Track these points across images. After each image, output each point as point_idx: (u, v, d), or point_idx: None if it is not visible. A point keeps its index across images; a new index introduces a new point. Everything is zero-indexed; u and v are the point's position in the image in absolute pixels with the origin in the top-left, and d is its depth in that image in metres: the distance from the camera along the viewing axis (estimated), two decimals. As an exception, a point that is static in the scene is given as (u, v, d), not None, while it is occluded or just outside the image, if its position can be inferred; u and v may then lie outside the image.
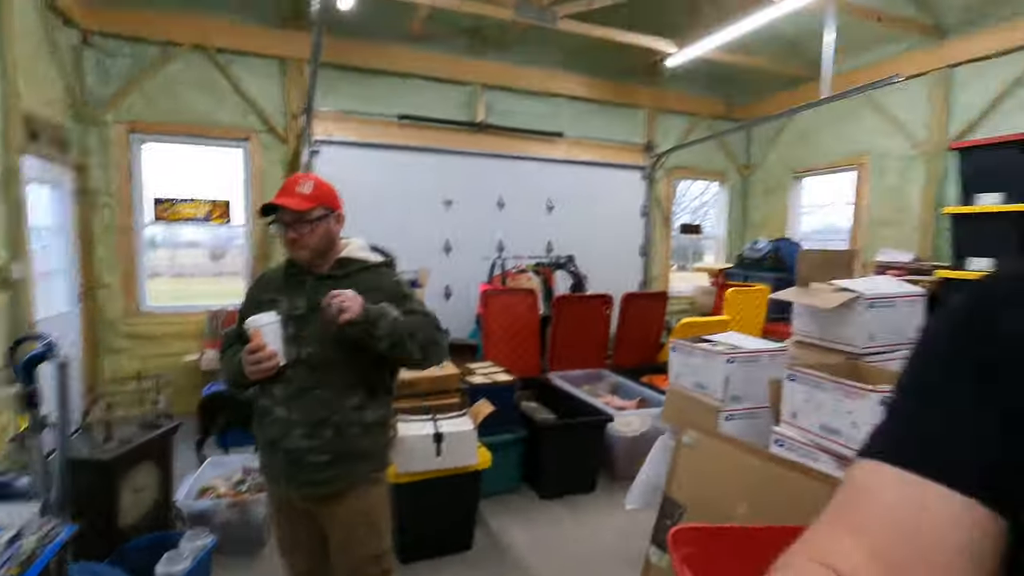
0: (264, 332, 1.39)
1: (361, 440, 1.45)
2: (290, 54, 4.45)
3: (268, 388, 1.44)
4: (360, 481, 1.47)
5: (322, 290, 1.42)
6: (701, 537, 1.30)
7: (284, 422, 1.42)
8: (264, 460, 1.51)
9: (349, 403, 1.44)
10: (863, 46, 4.88)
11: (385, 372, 1.53)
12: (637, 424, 3.27)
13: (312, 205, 1.42)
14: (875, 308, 1.73)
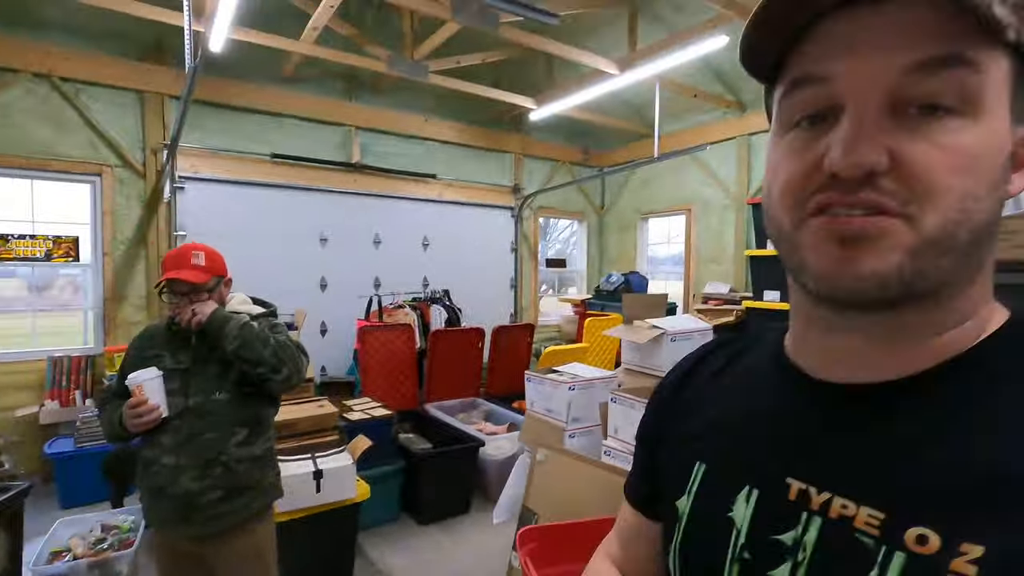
0: (146, 387, 1.49)
1: (252, 473, 1.58)
2: (150, 88, 4.31)
3: (154, 439, 1.53)
4: (251, 517, 1.58)
5: (206, 344, 1.56)
6: (542, 534, 1.62)
7: (172, 468, 1.50)
8: (150, 508, 1.57)
9: (235, 440, 1.55)
10: (686, 113, 5.86)
11: (267, 406, 1.66)
12: (507, 447, 3.61)
13: (208, 278, 1.55)
14: (676, 341, 2.22)
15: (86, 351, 4.17)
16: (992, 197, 0.36)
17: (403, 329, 4.57)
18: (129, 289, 4.32)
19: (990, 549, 0.32)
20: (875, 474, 0.38)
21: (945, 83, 0.34)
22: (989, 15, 0.32)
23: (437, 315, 5.10)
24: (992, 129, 0.35)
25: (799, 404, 0.44)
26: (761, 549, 0.42)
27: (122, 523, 2.70)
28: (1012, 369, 0.37)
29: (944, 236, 0.35)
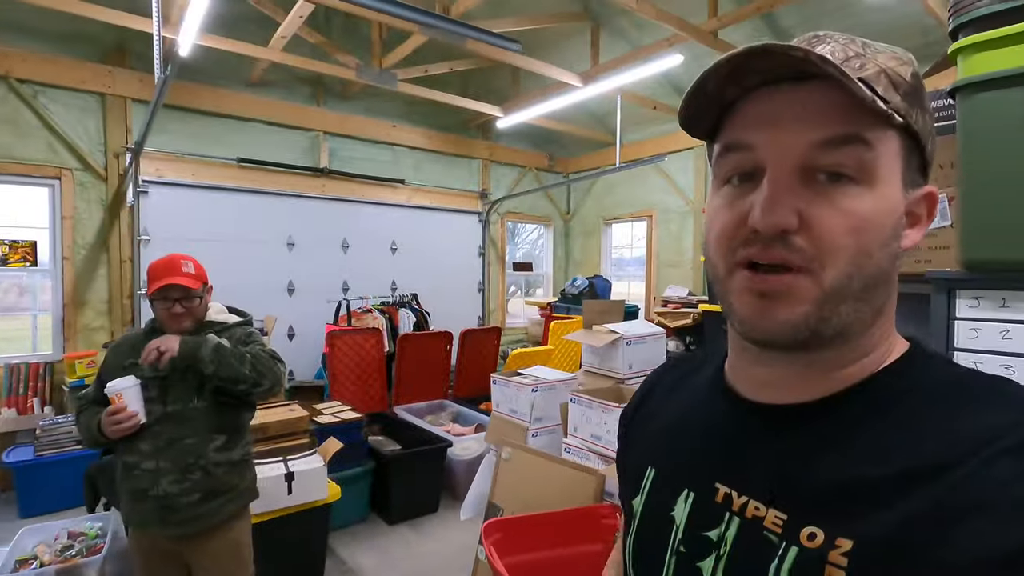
0: (124, 395, 1.55)
1: (230, 476, 1.66)
2: (112, 91, 4.26)
3: (133, 445, 1.58)
4: (228, 517, 1.66)
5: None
6: (507, 525, 1.75)
7: (152, 472, 1.57)
8: (131, 510, 1.63)
9: (214, 445, 1.63)
10: (647, 124, 6.09)
11: (244, 413, 1.74)
12: (475, 448, 3.72)
13: (199, 284, 1.66)
14: (632, 345, 2.39)
15: (45, 357, 4.09)
16: (883, 253, 0.42)
17: (372, 333, 4.63)
18: (90, 294, 4.26)
19: (857, 542, 0.38)
20: (781, 482, 0.44)
21: (846, 156, 0.41)
22: (878, 108, 0.39)
23: (405, 319, 5.17)
24: (884, 196, 0.42)
25: (730, 420, 0.51)
26: (693, 543, 0.49)
27: (88, 530, 2.70)
28: (895, 395, 0.43)
29: (840, 287, 0.41)
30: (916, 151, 0.43)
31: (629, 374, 2.38)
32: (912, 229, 0.45)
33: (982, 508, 0.35)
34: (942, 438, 0.39)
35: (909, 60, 0.44)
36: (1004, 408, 0.39)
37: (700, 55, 4.74)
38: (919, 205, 0.45)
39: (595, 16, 4.93)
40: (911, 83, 0.42)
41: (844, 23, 4.12)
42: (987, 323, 1.09)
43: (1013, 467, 0.36)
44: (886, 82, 0.41)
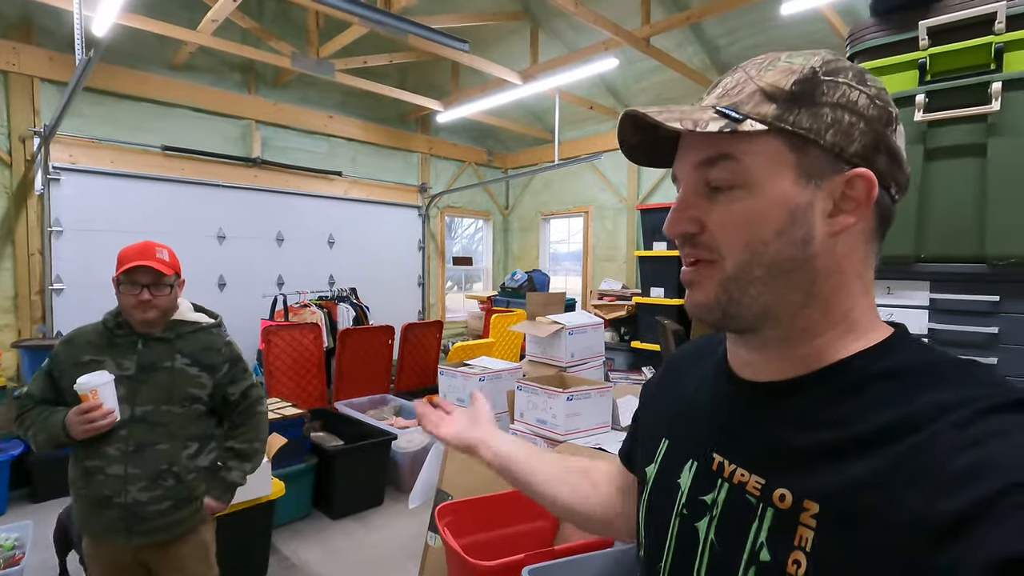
0: (101, 391, 1.44)
1: (199, 483, 1.59)
2: (16, 68, 3.92)
3: (97, 448, 1.48)
4: (196, 523, 1.62)
5: (155, 351, 1.56)
6: (458, 508, 1.83)
7: (119, 479, 1.47)
8: (91, 518, 1.52)
9: (187, 452, 1.56)
10: (584, 123, 6.29)
11: (214, 420, 1.68)
12: (419, 440, 3.76)
13: (171, 272, 1.56)
14: (573, 335, 2.52)
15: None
16: (781, 241, 0.47)
17: (310, 328, 4.54)
18: (-11, 290, 3.92)
19: (822, 504, 0.43)
20: (761, 451, 0.50)
21: (721, 171, 0.48)
22: (708, 132, 0.47)
23: (344, 313, 5.10)
24: (766, 194, 0.47)
25: (726, 396, 0.57)
26: (693, 506, 0.54)
27: (4, 540, 2.53)
28: (868, 375, 0.47)
29: (741, 272, 0.48)
30: (811, 144, 0.46)
31: (571, 362, 2.51)
32: (847, 213, 0.47)
33: (928, 475, 0.38)
34: (901, 412, 0.42)
35: (801, 67, 0.47)
36: (962, 386, 0.43)
37: (634, 59, 4.97)
38: (851, 187, 0.47)
39: (534, 17, 5.04)
40: (791, 90, 0.46)
41: (759, 37, 4.47)
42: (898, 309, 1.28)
43: (958, 438, 0.39)
44: (759, 98, 0.47)
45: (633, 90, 5.59)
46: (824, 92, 0.47)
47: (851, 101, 0.47)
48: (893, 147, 0.48)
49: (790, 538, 0.44)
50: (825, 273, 0.48)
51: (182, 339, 1.61)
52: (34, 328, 4.03)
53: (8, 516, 3.23)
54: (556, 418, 2.08)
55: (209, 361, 1.62)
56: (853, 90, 0.47)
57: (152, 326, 1.56)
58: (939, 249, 1.21)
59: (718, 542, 0.51)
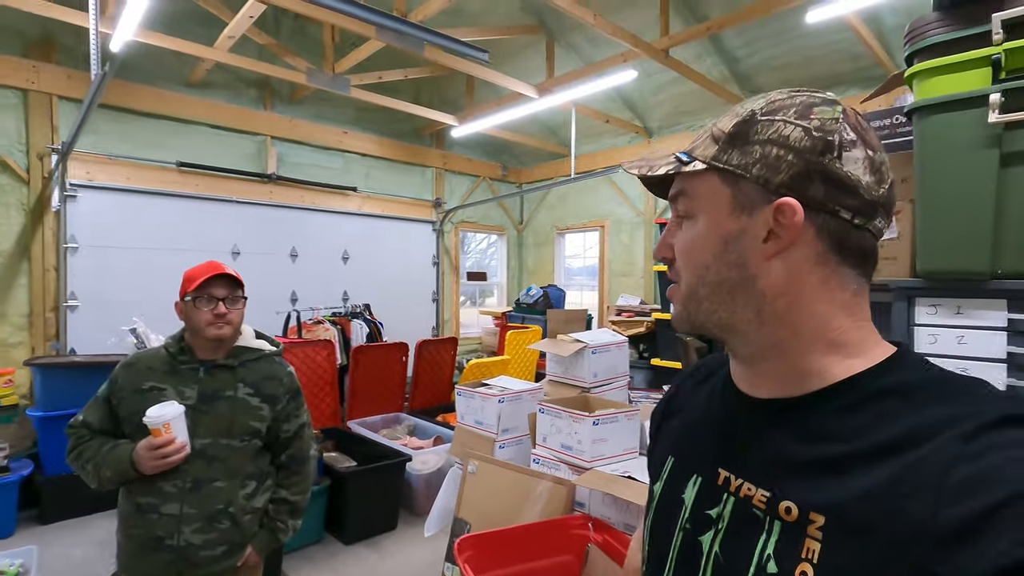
0: (173, 425, 1.37)
1: (254, 526, 1.52)
2: (36, 87, 3.94)
3: (153, 483, 1.40)
4: (245, 567, 1.53)
5: (217, 379, 1.49)
6: (478, 542, 1.71)
7: (175, 519, 1.39)
8: (137, 560, 1.43)
9: (244, 492, 1.48)
10: (600, 136, 6.23)
11: (268, 457, 1.61)
12: (434, 461, 3.64)
13: (243, 285, 1.53)
14: (597, 354, 2.40)
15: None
16: (720, 263, 0.53)
17: (323, 345, 4.47)
18: (7, 307, 3.90)
19: (827, 517, 0.44)
20: (766, 464, 0.51)
21: (680, 205, 0.57)
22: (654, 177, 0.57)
23: (358, 330, 5.03)
24: (705, 223, 0.54)
25: (731, 411, 0.59)
26: (697, 520, 0.56)
27: (8, 567, 2.45)
28: (870, 392, 0.48)
29: (691, 290, 0.56)
30: (743, 179, 0.52)
31: (594, 382, 2.40)
32: (776, 239, 0.51)
33: (932, 486, 0.40)
34: (907, 425, 0.44)
35: (743, 111, 0.53)
36: (967, 402, 0.44)
37: (651, 72, 4.90)
38: (782, 215, 0.50)
39: (550, 30, 5.01)
40: (730, 132, 0.53)
41: (780, 47, 4.38)
42: (944, 329, 1.16)
43: (962, 450, 0.40)
44: (708, 141, 0.55)
45: (651, 103, 5.51)
46: (757, 131, 0.51)
47: (782, 136, 0.50)
48: (833, 173, 0.49)
49: (797, 550, 0.45)
50: (772, 294, 0.51)
51: (244, 367, 1.54)
52: (48, 345, 4.00)
53: (15, 539, 3.16)
54: (581, 444, 1.96)
55: (270, 391, 1.55)
56: (788, 125, 0.50)
57: (224, 345, 1.51)
58: (1018, 264, 1.09)
59: (723, 555, 0.52)
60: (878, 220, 0.51)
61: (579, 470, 1.99)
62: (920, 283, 1.21)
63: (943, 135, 1.13)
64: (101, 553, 2.98)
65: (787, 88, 0.54)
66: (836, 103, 0.51)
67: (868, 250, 0.52)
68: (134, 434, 1.44)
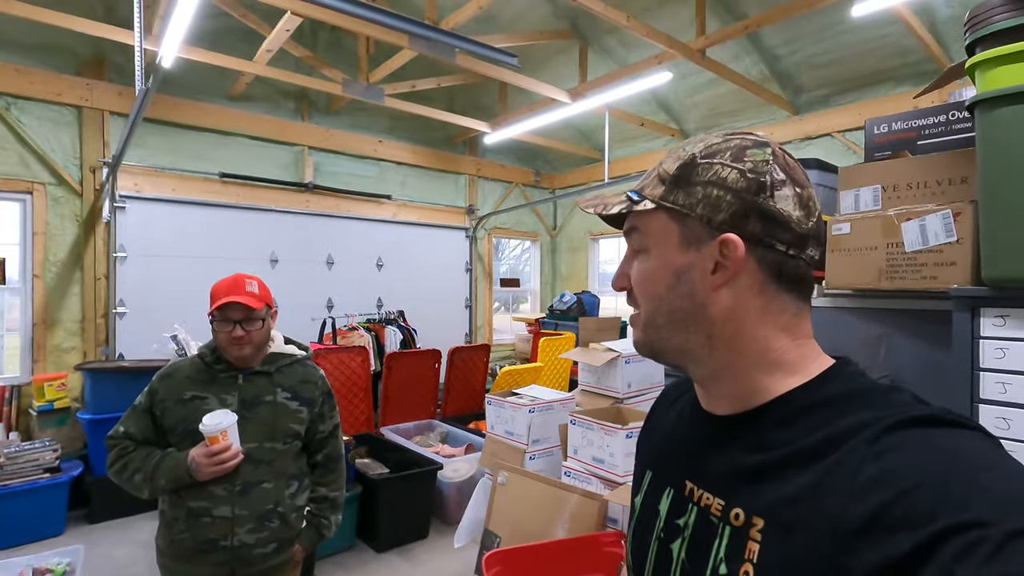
0: (230, 433, 1.43)
1: (299, 523, 1.60)
2: (89, 103, 4.14)
3: (204, 488, 1.45)
4: (290, 563, 1.62)
5: (256, 385, 1.55)
6: (507, 557, 1.67)
7: (228, 520, 1.45)
8: (189, 564, 1.48)
9: (289, 491, 1.55)
10: (634, 140, 6.13)
11: (305, 457, 1.68)
12: (465, 469, 3.61)
13: (262, 305, 1.51)
14: (630, 363, 2.33)
15: (11, 380, 3.90)
16: (673, 295, 0.56)
17: (358, 351, 4.51)
18: (62, 313, 4.09)
19: (766, 520, 0.49)
20: (721, 476, 0.56)
21: (633, 240, 0.61)
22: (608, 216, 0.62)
23: (392, 336, 5.07)
24: (656, 257, 0.58)
25: (695, 428, 0.63)
26: (669, 529, 0.60)
27: (56, 566, 2.54)
28: (806, 404, 0.52)
29: (649, 319, 0.59)
30: (688, 217, 0.56)
31: (628, 393, 2.32)
32: (720, 272, 0.54)
33: (842, 486, 0.44)
34: (829, 432, 0.48)
35: (685, 154, 0.57)
36: (877, 409, 0.48)
37: (687, 73, 4.79)
38: (726, 249, 0.54)
39: (583, 35, 4.96)
40: (674, 174, 0.57)
41: (824, 44, 4.20)
42: (1015, 342, 1.05)
43: (866, 452, 0.44)
44: (655, 181, 0.59)
45: (686, 105, 5.39)
46: (698, 173, 0.56)
47: (720, 178, 0.54)
48: (768, 211, 0.53)
49: (742, 552, 0.50)
50: (720, 320, 0.55)
51: (281, 373, 1.60)
52: (98, 351, 4.17)
53: (65, 537, 3.29)
54: (614, 457, 1.90)
55: (307, 395, 1.61)
56: (725, 168, 0.55)
57: (248, 361, 1.54)
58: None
59: (688, 561, 0.56)
60: (809, 250, 0.55)
61: (612, 484, 1.92)
62: (986, 291, 1.11)
63: (1010, 129, 1.03)
64: (145, 554, 3.06)
65: (722, 132, 0.59)
66: (766, 145, 0.56)
67: (803, 277, 0.56)
68: (180, 443, 1.49)
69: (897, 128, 2.03)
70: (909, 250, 1.59)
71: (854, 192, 1.85)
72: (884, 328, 1.88)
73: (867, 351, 1.91)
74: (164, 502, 1.53)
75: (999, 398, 1.08)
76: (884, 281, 1.67)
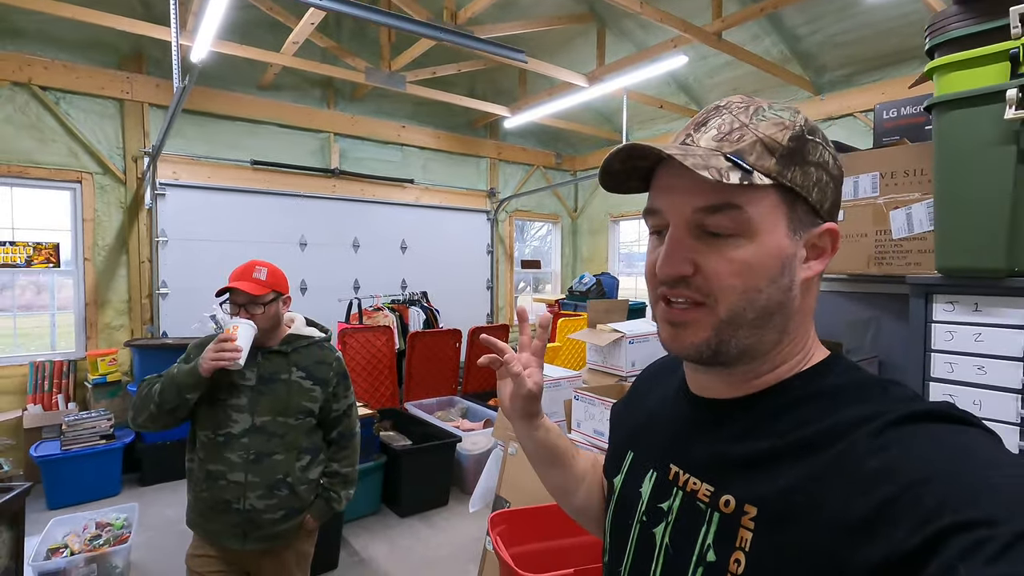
0: (241, 330, 1.54)
1: (309, 495, 1.70)
2: (130, 96, 4.38)
3: (221, 453, 1.58)
4: (302, 533, 1.72)
5: (273, 363, 1.66)
6: (511, 517, 1.84)
7: (240, 485, 1.57)
8: (206, 520, 1.62)
9: (300, 464, 1.65)
10: (653, 121, 6.13)
11: (320, 434, 1.77)
12: (483, 442, 3.81)
13: (266, 291, 1.62)
14: (634, 344, 2.46)
15: (68, 355, 4.24)
16: (773, 288, 0.50)
17: (383, 330, 4.74)
18: (111, 294, 4.40)
19: (760, 508, 0.48)
20: (710, 461, 0.54)
21: (723, 219, 0.50)
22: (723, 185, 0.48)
23: (415, 316, 5.27)
24: (765, 243, 0.49)
25: (684, 411, 0.61)
26: (651, 513, 0.59)
27: (115, 520, 2.83)
28: (802, 394, 0.52)
29: (733, 317, 0.50)
30: (800, 200, 0.51)
31: (632, 371, 2.45)
32: (816, 260, 0.52)
33: (845, 479, 0.43)
34: (828, 424, 0.47)
35: (792, 123, 0.51)
36: (878, 403, 0.47)
37: (705, 55, 4.78)
38: (821, 239, 0.52)
39: (601, 18, 4.98)
40: (788, 146, 0.50)
41: (846, 23, 4.15)
42: (961, 326, 1.15)
43: (870, 445, 0.44)
44: (760, 150, 0.50)
45: (706, 85, 5.37)
46: (810, 151, 0.51)
47: (825, 161, 0.52)
48: (840, 203, 0.54)
49: (732, 539, 0.49)
50: (798, 313, 0.53)
51: (297, 353, 1.70)
52: (144, 328, 4.48)
53: (121, 497, 3.62)
54: (613, 430, 2.04)
55: (321, 375, 1.70)
56: (825, 151, 0.52)
57: (258, 341, 1.62)
58: (1037, 262, 1.07)
59: (672, 546, 0.55)
60: None
61: (611, 455, 2.07)
62: (938, 279, 1.21)
63: (960, 131, 1.12)
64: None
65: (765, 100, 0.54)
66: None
67: None
68: (200, 405, 1.61)
69: (906, 113, 2.08)
70: (896, 237, 1.67)
71: (853, 179, 1.91)
72: (873, 311, 1.96)
73: (857, 332, 2.00)
74: (192, 463, 1.65)
75: (947, 376, 1.19)
76: (872, 266, 1.75)
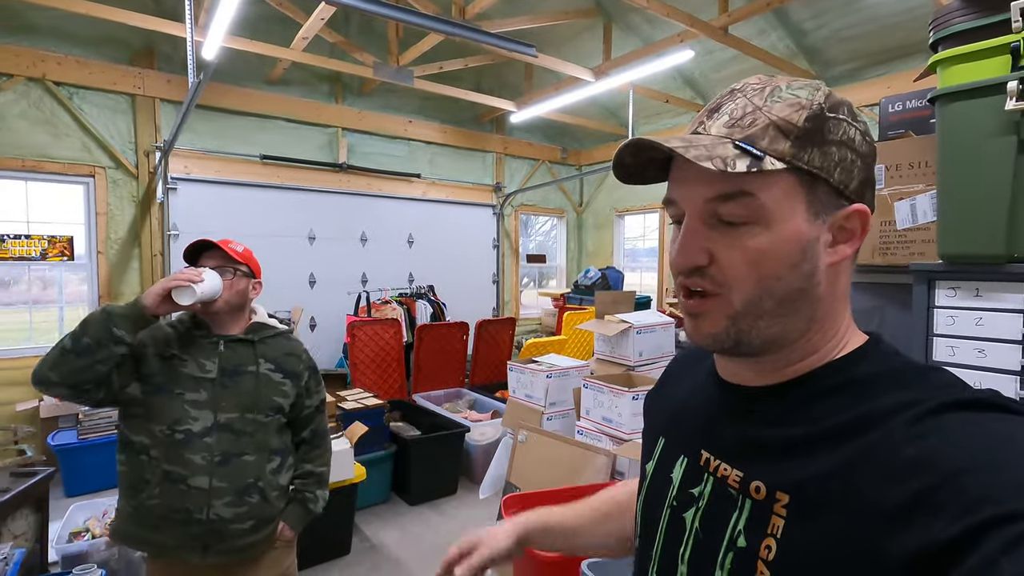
0: (207, 274, 1.39)
1: (280, 503, 1.50)
2: (142, 91, 4.43)
3: (181, 454, 1.36)
4: (276, 547, 1.53)
5: (238, 353, 1.48)
6: (524, 499, 1.89)
7: (204, 492, 1.36)
8: (156, 531, 1.37)
9: (271, 467, 1.47)
10: (659, 116, 6.15)
11: (290, 435, 1.60)
12: (491, 433, 3.87)
13: (241, 260, 1.51)
14: (642, 334, 2.50)
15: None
16: (794, 275, 0.49)
17: (391, 323, 4.79)
18: (123, 287, 4.47)
19: (792, 496, 0.47)
20: (741, 447, 0.54)
21: (736, 207, 0.49)
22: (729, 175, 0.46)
23: (423, 310, 5.33)
24: (782, 230, 0.48)
25: (714, 398, 0.60)
26: (682, 498, 0.58)
27: (133, 507, 2.89)
28: (838, 382, 0.50)
29: (750, 307, 0.49)
30: (820, 182, 0.49)
31: (639, 361, 2.50)
32: (844, 244, 0.51)
33: (880, 466, 0.42)
34: (864, 411, 0.46)
35: (809, 102, 0.49)
36: (917, 390, 0.46)
37: (712, 49, 4.80)
38: (849, 221, 0.50)
39: (607, 13, 5.00)
40: (804, 127, 0.48)
41: (852, 17, 4.16)
42: (963, 311, 1.20)
43: (908, 433, 0.43)
44: (774, 133, 0.48)
45: (712, 80, 5.39)
46: (830, 129, 0.49)
47: (850, 138, 0.49)
48: (874, 180, 0.51)
49: (764, 526, 0.48)
50: (826, 299, 0.51)
51: (264, 344, 1.54)
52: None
53: (136, 485, 3.68)
54: (621, 416, 2.09)
55: (292, 368, 1.55)
56: (850, 127, 0.50)
57: (223, 323, 1.48)
58: (1035, 248, 1.11)
59: (702, 531, 0.55)
60: None
61: (619, 441, 2.11)
62: (940, 266, 1.25)
63: (963, 123, 1.16)
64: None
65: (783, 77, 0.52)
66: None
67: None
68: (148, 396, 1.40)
69: (911, 106, 2.11)
70: (900, 228, 1.72)
71: (856, 172, 1.95)
72: (878, 301, 2.00)
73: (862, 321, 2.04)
74: (134, 465, 1.39)
75: (949, 360, 1.23)
76: (877, 257, 1.80)
